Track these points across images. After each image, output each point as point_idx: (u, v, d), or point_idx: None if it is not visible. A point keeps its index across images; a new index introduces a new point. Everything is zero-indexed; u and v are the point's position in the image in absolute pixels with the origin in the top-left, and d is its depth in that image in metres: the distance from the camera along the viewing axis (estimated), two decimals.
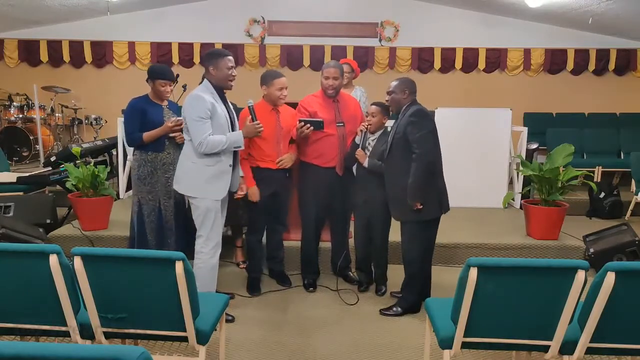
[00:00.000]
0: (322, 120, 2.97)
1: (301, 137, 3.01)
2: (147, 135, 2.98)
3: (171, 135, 3.02)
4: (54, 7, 6.25)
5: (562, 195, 3.68)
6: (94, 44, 7.03)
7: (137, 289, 1.85)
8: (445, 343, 1.92)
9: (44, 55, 7.03)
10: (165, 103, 3.11)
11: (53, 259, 1.79)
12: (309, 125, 2.94)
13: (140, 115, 2.98)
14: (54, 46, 7.02)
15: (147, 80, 3.07)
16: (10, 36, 7.00)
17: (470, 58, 7.07)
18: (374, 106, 3.06)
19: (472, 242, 3.77)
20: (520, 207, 4.46)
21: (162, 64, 3.66)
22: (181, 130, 2.93)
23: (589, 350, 1.88)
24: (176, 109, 3.13)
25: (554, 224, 3.76)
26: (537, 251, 3.71)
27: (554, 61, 7.03)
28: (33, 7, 6.13)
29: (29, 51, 7.02)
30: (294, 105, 3.20)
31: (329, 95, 3.08)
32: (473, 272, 1.76)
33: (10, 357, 0.93)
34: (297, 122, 2.98)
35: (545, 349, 1.89)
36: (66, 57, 7.04)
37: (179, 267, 1.77)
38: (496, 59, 7.08)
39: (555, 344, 1.86)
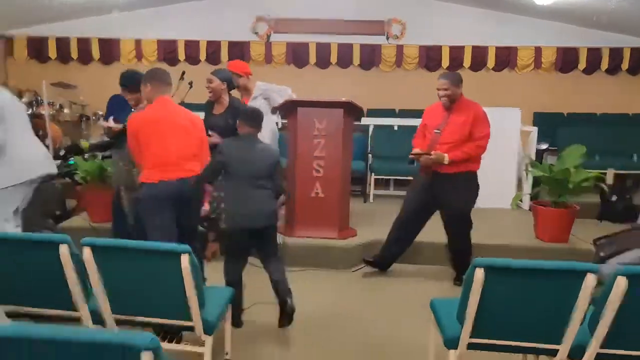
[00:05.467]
0: None
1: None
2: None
3: None
4: (63, 5, 6.28)
5: (573, 197, 3.61)
6: (101, 41, 7.06)
7: (145, 280, 1.90)
8: (451, 343, 1.90)
9: (52, 52, 7.07)
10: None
11: (63, 249, 1.84)
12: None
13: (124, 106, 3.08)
14: (62, 43, 7.06)
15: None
16: (19, 33, 7.05)
17: (479, 56, 6.98)
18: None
19: (480, 242, 3.70)
20: (529, 209, 4.39)
21: (130, 70, 3.62)
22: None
23: (599, 356, 1.82)
24: None
25: (564, 227, 3.69)
26: (546, 254, 3.64)
27: (566, 60, 6.91)
28: (42, 5, 6.17)
29: (37, 48, 7.07)
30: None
31: (444, 106, 3.29)
32: (480, 273, 1.73)
33: (23, 339, 0.98)
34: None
35: (554, 352, 1.85)
36: (74, 54, 7.08)
37: (184, 259, 1.81)
38: (506, 58, 6.97)
39: (564, 348, 1.81)
